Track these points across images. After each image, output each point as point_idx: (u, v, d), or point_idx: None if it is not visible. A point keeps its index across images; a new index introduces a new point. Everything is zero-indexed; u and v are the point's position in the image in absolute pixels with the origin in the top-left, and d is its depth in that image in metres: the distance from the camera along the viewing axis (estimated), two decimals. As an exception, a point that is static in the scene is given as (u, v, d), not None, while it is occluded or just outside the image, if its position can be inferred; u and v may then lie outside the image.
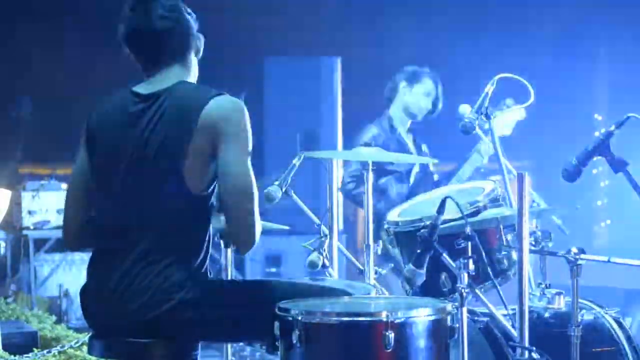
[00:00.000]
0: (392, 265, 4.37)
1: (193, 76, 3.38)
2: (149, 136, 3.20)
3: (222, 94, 3.23)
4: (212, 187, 3.22)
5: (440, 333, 3.06)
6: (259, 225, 3.21)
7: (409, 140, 5.78)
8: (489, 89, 4.12)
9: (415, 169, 5.74)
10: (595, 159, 3.75)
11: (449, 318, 3.09)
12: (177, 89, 3.25)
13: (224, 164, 3.16)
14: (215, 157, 3.17)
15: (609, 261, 3.64)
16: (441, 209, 3.28)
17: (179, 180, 3.16)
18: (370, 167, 4.07)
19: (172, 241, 3.18)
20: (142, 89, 3.29)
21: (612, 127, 3.72)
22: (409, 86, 5.73)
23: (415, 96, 5.73)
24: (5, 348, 5.61)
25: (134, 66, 3.37)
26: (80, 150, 3.38)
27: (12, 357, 5.50)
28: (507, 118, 4.88)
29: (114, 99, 3.35)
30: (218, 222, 3.75)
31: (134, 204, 3.22)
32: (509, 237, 3.76)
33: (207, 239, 3.26)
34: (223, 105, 3.20)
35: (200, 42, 3.37)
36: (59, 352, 5.68)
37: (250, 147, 3.21)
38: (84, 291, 3.32)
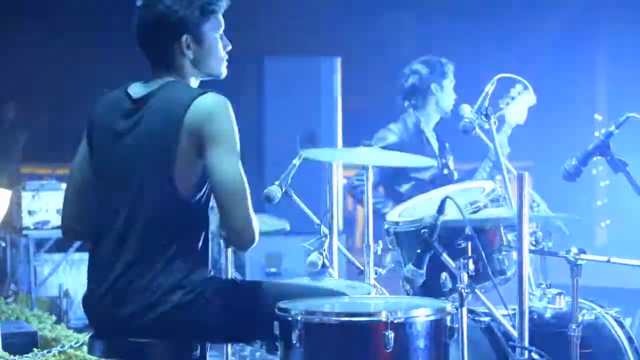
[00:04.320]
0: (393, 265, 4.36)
1: (189, 74, 3.30)
2: (138, 140, 3.19)
3: (206, 93, 3.18)
4: (204, 190, 3.19)
5: (440, 333, 3.06)
6: (255, 222, 3.17)
7: (433, 139, 5.65)
8: (489, 89, 4.12)
9: (433, 171, 5.55)
10: (595, 159, 3.75)
11: (448, 318, 3.09)
12: (164, 90, 3.22)
13: (212, 167, 3.13)
14: (202, 158, 3.14)
15: (609, 261, 3.64)
16: (441, 209, 3.27)
17: (169, 182, 3.14)
18: (370, 167, 4.07)
19: (166, 242, 3.16)
20: (134, 91, 3.27)
21: (612, 127, 3.73)
22: (440, 84, 5.60)
23: (447, 93, 5.60)
24: (5, 348, 5.61)
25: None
26: (81, 145, 3.38)
27: (12, 357, 5.50)
28: (519, 106, 4.90)
29: (112, 96, 3.33)
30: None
31: (126, 204, 3.21)
32: (509, 237, 3.75)
33: (204, 241, 3.24)
34: (205, 104, 3.15)
35: (189, 37, 3.25)
36: (59, 352, 5.68)
37: (236, 145, 3.16)
38: (86, 291, 3.33)
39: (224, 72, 3.39)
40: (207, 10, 3.29)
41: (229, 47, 3.39)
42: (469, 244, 3.25)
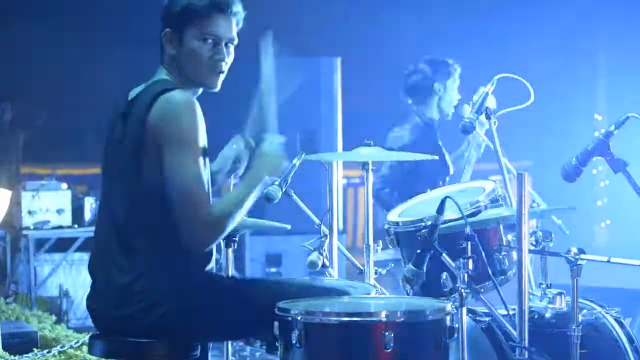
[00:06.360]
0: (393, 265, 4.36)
1: (179, 77, 3.25)
2: (122, 139, 3.18)
3: (172, 90, 3.12)
4: None
5: (440, 333, 3.06)
6: (212, 228, 3.09)
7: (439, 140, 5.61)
8: (489, 88, 4.11)
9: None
10: (595, 159, 3.74)
11: (448, 318, 3.08)
12: (146, 89, 3.21)
13: (165, 167, 3.07)
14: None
15: (609, 261, 3.63)
16: (441, 209, 3.27)
17: (141, 182, 3.13)
18: (370, 167, 4.07)
19: (154, 243, 3.16)
20: (131, 92, 3.27)
21: (612, 127, 3.72)
22: (443, 84, 5.57)
23: (449, 94, 5.57)
24: (5, 348, 5.61)
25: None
26: None
27: (12, 357, 5.51)
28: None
29: (119, 101, 3.32)
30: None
31: (113, 206, 3.22)
32: (509, 237, 3.76)
33: None
34: (167, 102, 3.09)
35: (170, 33, 3.22)
36: (59, 352, 5.68)
37: (195, 146, 3.07)
38: (89, 291, 3.33)
39: (215, 83, 3.29)
40: (189, 11, 3.22)
41: (224, 60, 3.29)
42: (469, 244, 3.24)
